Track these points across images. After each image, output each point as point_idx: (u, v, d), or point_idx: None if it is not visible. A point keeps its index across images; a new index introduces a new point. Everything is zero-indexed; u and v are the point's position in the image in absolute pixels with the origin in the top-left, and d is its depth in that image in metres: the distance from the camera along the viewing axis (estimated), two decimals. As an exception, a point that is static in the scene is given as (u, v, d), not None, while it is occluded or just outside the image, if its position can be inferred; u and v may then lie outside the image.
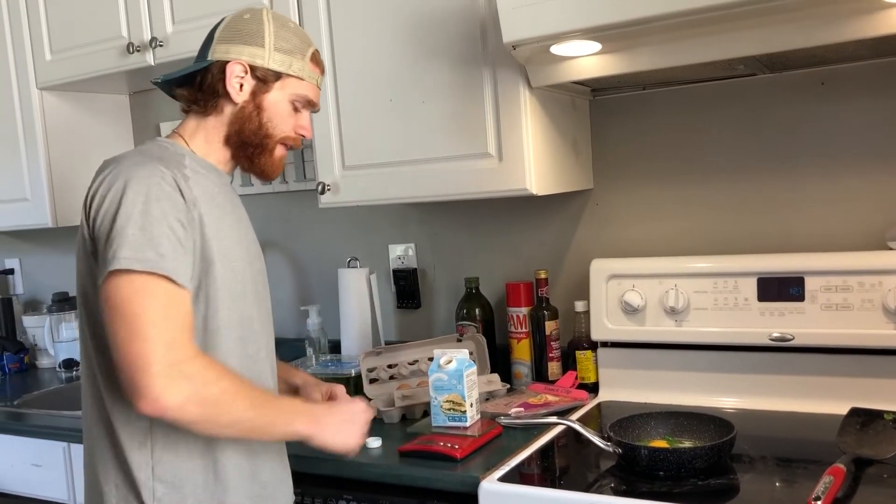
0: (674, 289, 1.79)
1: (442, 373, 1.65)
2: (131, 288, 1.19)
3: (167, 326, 1.19)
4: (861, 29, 1.39)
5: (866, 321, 1.62)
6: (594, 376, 1.94)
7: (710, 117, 1.90)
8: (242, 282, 1.37)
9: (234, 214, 1.41)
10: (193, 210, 1.28)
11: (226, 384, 1.23)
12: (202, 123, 1.42)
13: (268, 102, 1.41)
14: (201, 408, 1.20)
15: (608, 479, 1.43)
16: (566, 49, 1.58)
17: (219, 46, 1.40)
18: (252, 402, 1.26)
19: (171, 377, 1.16)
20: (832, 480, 1.25)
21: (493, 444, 1.61)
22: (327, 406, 1.46)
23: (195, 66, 1.41)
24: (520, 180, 1.72)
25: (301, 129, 1.46)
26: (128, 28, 2.21)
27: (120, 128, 2.73)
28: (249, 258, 1.41)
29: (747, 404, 1.75)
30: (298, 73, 1.42)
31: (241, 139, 1.41)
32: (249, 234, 1.46)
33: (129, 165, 1.28)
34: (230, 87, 1.38)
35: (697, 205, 1.94)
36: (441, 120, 1.79)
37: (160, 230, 1.22)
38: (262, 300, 1.45)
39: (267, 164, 1.44)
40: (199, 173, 1.36)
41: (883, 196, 1.75)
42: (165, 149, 1.38)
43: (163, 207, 1.23)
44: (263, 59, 1.39)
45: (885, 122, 1.74)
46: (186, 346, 1.21)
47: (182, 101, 1.44)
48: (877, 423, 1.49)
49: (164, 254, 1.21)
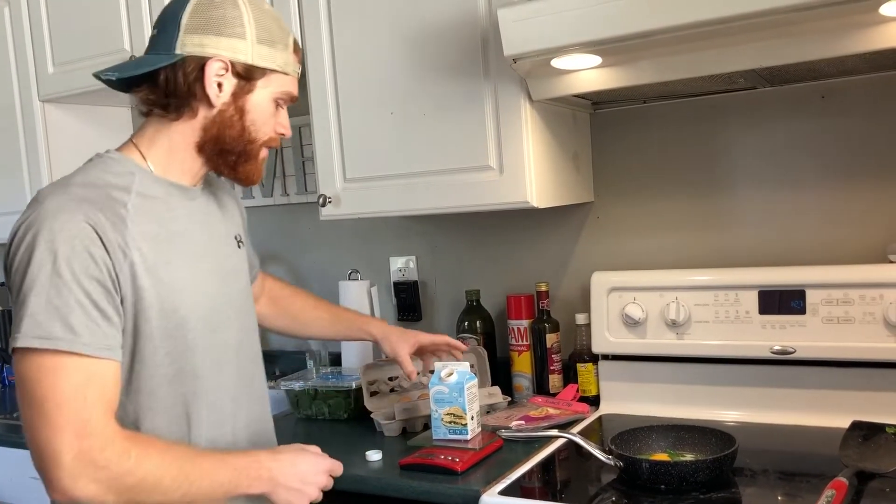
0: (675, 302, 1.79)
1: (443, 385, 1.64)
2: (37, 368, 1.06)
3: (77, 409, 1.05)
4: (860, 43, 1.40)
5: (868, 334, 1.62)
6: (595, 389, 1.94)
7: (711, 131, 1.91)
8: (195, 329, 1.23)
9: (194, 241, 1.26)
10: (123, 260, 1.13)
11: (148, 466, 1.08)
12: (165, 130, 1.24)
13: (251, 104, 1.24)
14: (119, 496, 1.07)
15: (609, 493, 1.42)
16: (567, 62, 1.59)
17: (189, 37, 1.19)
18: (187, 477, 1.11)
19: (81, 468, 1.04)
20: (834, 494, 1.24)
21: (494, 457, 1.61)
22: (286, 460, 1.24)
23: (160, 62, 1.20)
24: (521, 193, 1.73)
25: (282, 128, 1.30)
26: (130, 41, 2.21)
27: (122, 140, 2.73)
28: (213, 290, 1.27)
29: (749, 417, 1.74)
30: (283, 67, 1.26)
31: (220, 146, 1.24)
32: (219, 256, 1.31)
33: (45, 211, 1.10)
34: (209, 89, 1.20)
35: (698, 217, 1.94)
36: (442, 132, 1.79)
37: (71, 297, 1.07)
38: (237, 329, 1.32)
39: (251, 171, 1.29)
40: (147, 199, 1.20)
41: (884, 209, 1.75)
42: (108, 171, 1.20)
43: (75, 268, 1.08)
44: (246, 55, 1.21)
45: (884, 135, 1.74)
46: (101, 430, 1.07)
47: (140, 102, 1.24)
48: (879, 437, 1.48)
49: (74, 326, 1.07)
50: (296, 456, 1.25)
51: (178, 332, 1.21)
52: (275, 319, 1.71)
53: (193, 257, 1.25)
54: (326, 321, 1.71)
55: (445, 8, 1.75)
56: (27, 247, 1.09)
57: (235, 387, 1.32)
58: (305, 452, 1.27)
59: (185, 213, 1.26)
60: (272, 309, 1.70)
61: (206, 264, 1.28)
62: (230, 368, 1.31)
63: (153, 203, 1.21)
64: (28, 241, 1.09)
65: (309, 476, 1.24)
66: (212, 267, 1.29)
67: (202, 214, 1.31)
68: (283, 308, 1.71)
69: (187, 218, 1.26)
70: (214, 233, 1.32)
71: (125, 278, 1.14)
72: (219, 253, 1.32)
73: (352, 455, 1.67)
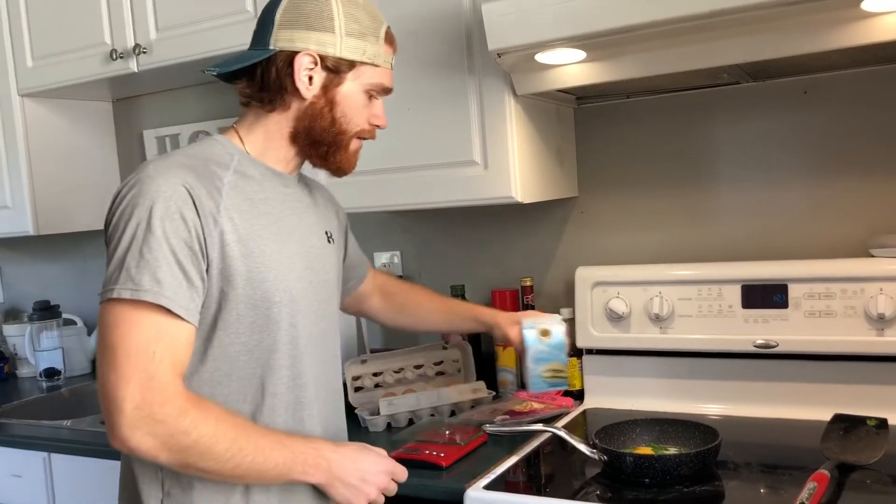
0: (658, 296, 1.80)
1: (542, 345, 1.58)
2: (117, 315, 1.10)
3: (145, 361, 1.08)
4: (842, 38, 1.40)
5: (849, 328, 1.64)
6: (579, 383, 1.94)
7: (694, 126, 1.91)
8: (280, 303, 1.23)
9: (283, 224, 1.27)
10: (213, 227, 1.16)
11: (203, 430, 1.10)
12: (262, 119, 1.28)
13: (341, 96, 1.26)
14: (172, 454, 1.10)
15: (594, 487, 1.43)
16: (551, 57, 1.59)
17: (281, 33, 1.23)
18: (241, 449, 1.12)
19: (139, 420, 1.07)
20: (816, 486, 1.25)
21: (479, 452, 1.61)
22: (348, 454, 1.24)
23: (255, 57, 1.25)
24: (505, 188, 1.73)
25: (376, 119, 1.33)
26: (111, 34, 2.19)
27: (103, 135, 2.71)
28: (297, 272, 1.27)
29: (732, 411, 1.75)
30: (373, 59, 1.27)
31: (311, 137, 1.27)
32: (307, 243, 1.31)
33: (149, 173, 1.16)
34: (299, 83, 1.23)
35: (682, 212, 1.94)
36: (426, 127, 1.79)
37: (160, 253, 1.11)
38: (318, 317, 1.31)
39: (343, 161, 1.31)
40: (244, 178, 1.24)
41: (865, 204, 1.77)
42: (211, 149, 1.25)
43: (166, 227, 1.12)
44: (335, 47, 1.23)
45: (866, 130, 1.75)
46: (164, 385, 1.09)
47: (240, 94, 1.29)
48: (860, 429, 1.49)
49: (161, 279, 1.10)
50: (358, 452, 1.25)
51: (262, 304, 1.21)
52: (389, 315, 1.71)
53: (282, 237, 1.26)
54: (440, 314, 1.70)
55: (430, 2, 1.75)
56: (126, 204, 1.14)
57: (313, 376, 1.31)
58: (369, 450, 1.27)
59: (278, 197, 1.28)
60: (386, 304, 1.69)
61: (293, 246, 1.28)
62: (308, 356, 1.29)
63: (248, 182, 1.24)
64: (128, 200, 1.14)
65: (369, 475, 1.24)
66: (299, 250, 1.29)
67: (294, 202, 1.32)
68: (398, 303, 1.70)
69: (279, 201, 1.28)
70: (304, 221, 1.33)
71: (213, 244, 1.16)
72: (306, 241, 1.32)
73: (336, 451, 1.67)
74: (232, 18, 2.00)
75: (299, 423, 1.28)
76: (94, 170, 2.65)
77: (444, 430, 1.66)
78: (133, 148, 2.72)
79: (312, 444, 1.21)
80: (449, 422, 1.80)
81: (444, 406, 1.86)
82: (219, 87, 2.48)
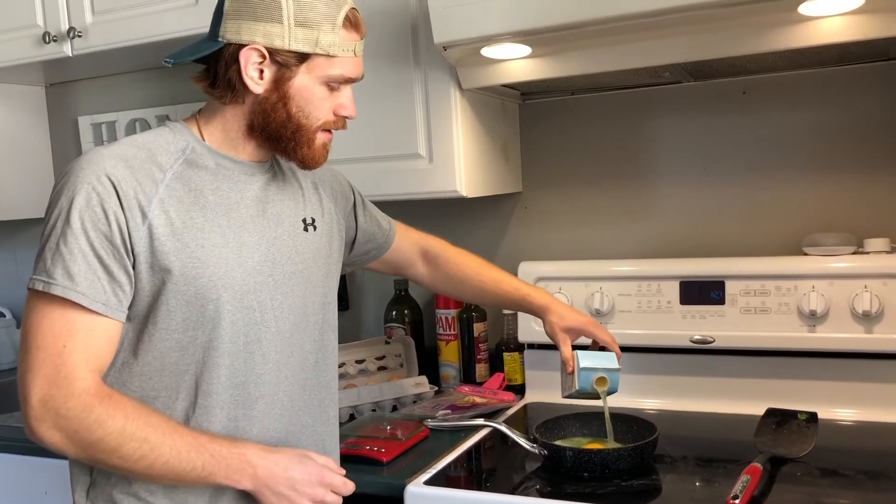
0: (599, 291, 1.82)
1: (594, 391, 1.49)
2: (33, 307, 1.09)
3: (53, 355, 1.07)
4: (780, 41, 1.44)
5: (783, 324, 1.68)
6: (521, 378, 1.96)
7: (637, 123, 1.94)
8: (218, 300, 1.17)
9: (237, 214, 1.21)
10: (141, 221, 1.12)
11: (110, 428, 1.07)
12: (220, 111, 1.22)
13: (294, 90, 1.18)
14: (80, 449, 1.08)
15: (534, 481, 1.44)
16: (496, 52, 1.59)
17: (229, 24, 1.16)
18: (153, 449, 1.09)
19: (44, 413, 1.06)
20: (749, 479, 1.28)
21: (420, 447, 1.60)
22: (278, 461, 1.17)
23: (205, 49, 1.18)
24: (450, 182, 1.72)
25: (342, 110, 1.24)
26: (44, 17, 2.11)
27: (35, 120, 2.62)
28: (251, 266, 1.20)
29: (669, 405, 1.78)
30: (328, 49, 1.17)
31: (268, 132, 1.21)
32: (269, 234, 1.24)
33: (80, 163, 1.13)
34: (247, 78, 1.16)
35: (623, 209, 1.97)
36: (371, 119, 1.77)
37: (75, 246, 1.08)
38: (284, 311, 1.25)
39: (307, 156, 1.23)
40: (195, 167, 1.19)
41: (800, 203, 1.81)
42: (160, 138, 1.20)
43: (86, 220, 1.09)
44: (283, 39, 1.15)
45: (800, 131, 1.80)
46: (72, 380, 1.07)
47: (196, 84, 1.23)
48: (791, 423, 1.53)
49: (73, 274, 1.08)
50: (291, 460, 1.18)
51: (196, 301, 1.16)
52: (434, 281, 1.63)
53: (233, 229, 1.20)
54: (486, 290, 1.60)
55: (375, -7, 1.73)
56: (55, 195, 1.13)
57: (268, 375, 1.23)
58: (306, 459, 1.20)
59: (234, 187, 1.22)
60: (431, 270, 1.61)
61: (247, 238, 1.21)
62: (267, 350, 1.23)
63: (199, 172, 1.19)
64: (56, 190, 1.13)
65: (301, 485, 1.17)
66: (256, 242, 1.22)
67: (257, 191, 1.25)
68: (443, 271, 1.61)
69: (235, 192, 1.22)
70: (268, 211, 1.25)
71: (140, 238, 1.12)
72: (269, 231, 1.24)
73: (275, 446, 1.65)
74: (172, 3, 1.94)
75: (234, 423, 1.21)
76: (25, 157, 2.56)
77: (385, 426, 1.65)
78: (67, 135, 2.63)
79: (238, 449, 1.15)
80: (390, 417, 1.79)
81: (386, 401, 1.85)
82: (159, 74, 2.42)
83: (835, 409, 1.64)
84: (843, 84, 1.76)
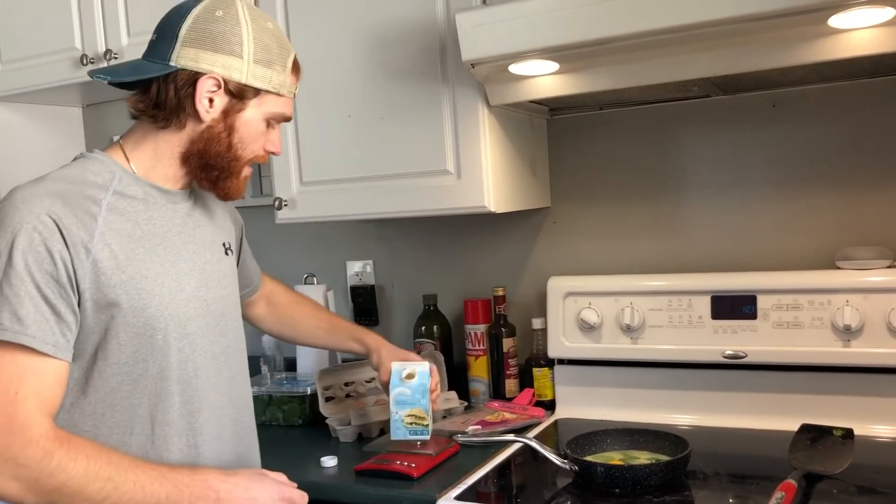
0: (629, 306, 1.81)
1: (404, 387, 1.61)
2: None
3: (7, 403, 1.04)
4: (810, 54, 1.43)
5: (816, 339, 1.66)
6: (551, 393, 1.95)
7: (665, 138, 1.93)
8: (166, 329, 1.19)
9: (171, 243, 1.23)
10: (85, 257, 1.12)
11: (72, 472, 1.05)
12: (152, 136, 1.23)
13: (241, 122, 1.23)
14: (40, 498, 1.05)
15: (564, 497, 1.43)
16: (524, 68, 1.60)
17: (185, 50, 1.18)
18: (117, 487, 1.07)
19: (2, 465, 1.03)
20: (784, 496, 1.26)
21: (450, 462, 1.61)
22: (239, 483, 1.17)
23: (153, 71, 1.20)
24: (478, 197, 1.73)
25: (271, 146, 1.30)
26: (81, 39, 2.17)
27: (73, 141, 2.67)
28: (188, 293, 1.24)
29: (701, 421, 1.76)
30: (278, 88, 1.25)
31: (204, 161, 1.23)
32: (200, 260, 1.28)
33: (14, 202, 1.11)
34: (199, 105, 1.19)
35: (653, 223, 1.96)
36: (400, 136, 1.79)
37: (21, 289, 1.06)
38: (217, 335, 1.29)
39: (231, 188, 1.27)
40: (125, 198, 1.19)
41: (832, 216, 1.79)
42: (87, 170, 1.20)
43: (28, 260, 1.07)
44: (241, 73, 1.20)
45: (833, 144, 1.78)
46: (28, 427, 1.05)
47: (131, 106, 1.24)
48: (826, 439, 1.51)
49: (22, 317, 1.06)
50: (250, 480, 1.19)
51: (146, 332, 1.18)
52: (271, 323, 1.70)
53: (169, 257, 1.23)
54: (323, 330, 1.69)
55: (404, 12, 1.75)
56: None
57: (211, 398, 1.27)
58: (263, 477, 1.21)
59: (164, 215, 1.25)
60: (270, 312, 1.68)
61: (183, 265, 1.25)
62: (207, 374, 1.27)
63: (130, 203, 1.20)
64: None
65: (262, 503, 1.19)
66: (191, 269, 1.26)
67: (184, 218, 1.28)
68: (281, 314, 1.69)
69: (166, 219, 1.25)
70: (197, 237, 1.29)
71: (85, 275, 1.12)
72: (199, 257, 1.28)
73: (307, 461, 1.66)
74: (205, 25, 1.98)
75: (194, 450, 1.24)
76: (62, 176, 2.61)
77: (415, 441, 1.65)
78: (103, 154, 2.69)
79: (199, 476, 1.15)
80: (420, 432, 1.79)
81: (416, 416, 1.85)
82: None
83: (871, 426, 1.61)
84: (874, 96, 1.74)
